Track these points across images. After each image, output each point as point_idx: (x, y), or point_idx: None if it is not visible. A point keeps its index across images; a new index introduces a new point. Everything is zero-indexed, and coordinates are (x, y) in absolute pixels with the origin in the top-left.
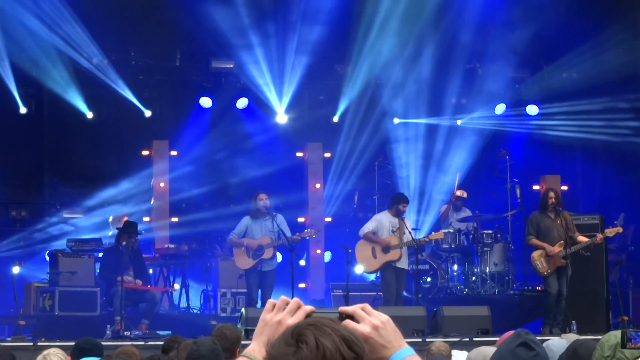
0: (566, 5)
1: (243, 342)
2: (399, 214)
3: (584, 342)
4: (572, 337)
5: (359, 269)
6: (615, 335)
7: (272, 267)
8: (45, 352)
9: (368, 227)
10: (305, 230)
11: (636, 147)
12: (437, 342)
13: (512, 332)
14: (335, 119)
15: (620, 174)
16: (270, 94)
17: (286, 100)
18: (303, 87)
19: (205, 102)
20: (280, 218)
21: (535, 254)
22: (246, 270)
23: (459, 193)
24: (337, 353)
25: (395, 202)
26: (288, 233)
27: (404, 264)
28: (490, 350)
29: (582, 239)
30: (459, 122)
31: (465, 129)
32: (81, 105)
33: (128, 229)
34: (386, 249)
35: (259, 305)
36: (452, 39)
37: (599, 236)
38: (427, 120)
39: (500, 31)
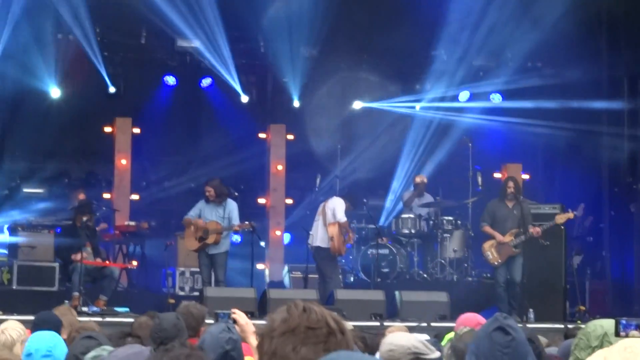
0: None
1: (207, 321)
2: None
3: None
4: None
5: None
6: (601, 326)
7: (219, 251)
8: (3, 326)
9: (341, 212)
10: (245, 223)
11: (597, 138)
12: (396, 327)
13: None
14: (296, 103)
15: (581, 165)
16: (233, 75)
17: (249, 80)
18: (267, 69)
19: (170, 80)
20: (231, 205)
21: (486, 245)
22: (198, 252)
23: (418, 179)
24: (322, 319)
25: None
26: (234, 221)
27: None
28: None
29: (531, 230)
30: (417, 106)
31: (427, 115)
32: (44, 81)
33: (83, 208)
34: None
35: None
36: (418, 24)
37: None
38: (389, 105)
39: (466, 18)
